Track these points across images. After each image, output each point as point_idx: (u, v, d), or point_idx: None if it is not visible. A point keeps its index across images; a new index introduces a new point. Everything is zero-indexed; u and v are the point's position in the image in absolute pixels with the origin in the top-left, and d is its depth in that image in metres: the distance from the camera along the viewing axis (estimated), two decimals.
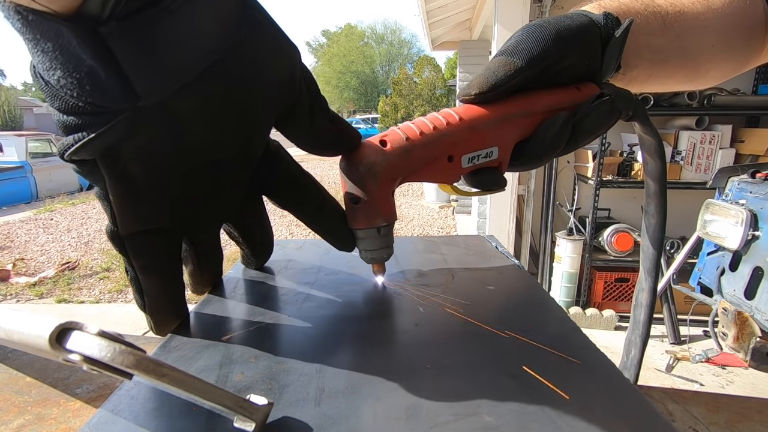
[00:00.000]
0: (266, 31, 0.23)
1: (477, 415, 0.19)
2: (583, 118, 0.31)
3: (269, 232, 0.37)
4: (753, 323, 1.71)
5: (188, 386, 0.17)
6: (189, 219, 0.27)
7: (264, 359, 0.24)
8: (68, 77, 0.18)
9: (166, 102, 0.20)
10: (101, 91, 0.19)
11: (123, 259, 0.25)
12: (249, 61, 0.22)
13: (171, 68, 0.20)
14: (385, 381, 0.22)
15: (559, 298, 2.48)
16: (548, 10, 2.37)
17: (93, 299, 3.13)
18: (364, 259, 0.32)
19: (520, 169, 0.33)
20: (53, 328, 0.17)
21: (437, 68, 18.10)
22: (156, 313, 0.27)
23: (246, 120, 0.25)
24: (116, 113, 0.19)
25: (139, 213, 0.24)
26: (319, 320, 0.29)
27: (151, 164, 0.22)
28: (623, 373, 0.38)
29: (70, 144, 0.20)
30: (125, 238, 0.24)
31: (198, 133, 0.23)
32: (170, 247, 0.27)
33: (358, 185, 0.28)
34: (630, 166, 2.44)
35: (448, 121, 0.29)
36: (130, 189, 0.23)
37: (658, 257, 0.38)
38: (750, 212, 1.69)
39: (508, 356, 0.24)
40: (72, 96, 0.19)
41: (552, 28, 0.29)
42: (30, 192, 6.65)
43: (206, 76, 0.21)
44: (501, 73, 0.28)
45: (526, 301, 0.33)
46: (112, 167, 0.22)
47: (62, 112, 0.20)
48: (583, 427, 0.19)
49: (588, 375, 0.22)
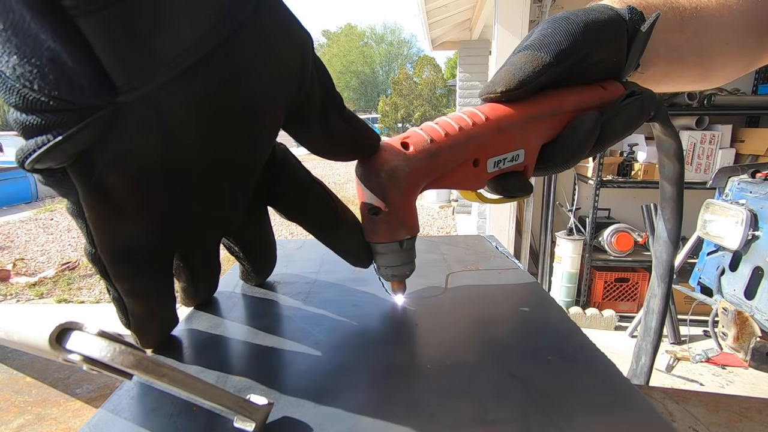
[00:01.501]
0: (274, 12, 0.19)
1: (477, 415, 0.19)
2: (613, 118, 0.29)
3: (273, 247, 0.33)
4: (753, 323, 1.71)
5: (188, 386, 0.17)
6: (181, 235, 0.23)
7: (264, 359, 0.24)
8: (25, 65, 0.15)
9: (150, 98, 0.17)
10: (68, 82, 0.15)
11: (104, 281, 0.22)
12: (253, 49, 0.19)
13: (158, 55, 0.16)
14: (385, 381, 0.22)
15: (559, 298, 2.48)
16: (548, 10, 2.37)
17: (93, 299, 3.13)
18: (383, 277, 0.29)
19: (545, 173, 0.31)
20: (53, 328, 0.17)
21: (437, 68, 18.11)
22: (141, 332, 0.24)
23: (248, 120, 0.21)
24: (89, 110, 0.16)
25: (120, 231, 0.20)
26: (319, 320, 0.29)
27: (133, 173, 0.19)
28: (633, 380, 0.37)
29: (31, 149, 0.16)
30: (106, 261, 0.20)
31: (190, 136, 0.19)
32: (159, 267, 0.23)
33: (378, 194, 0.25)
34: (630, 166, 2.44)
35: (474, 122, 0.26)
36: (108, 203, 0.19)
37: (672, 263, 0.37)
38: (750, 212, 1.69)
39: (508, 356, 0.24)
40: (32, 89, 0.15)
41: (580, 21, 0.27)
42: (30, 192, 6.65)
43: (200, 66, 0.17)
44: (528, 69, 0.26)
45: (526, 301, 0.33)
46: (86, 178, 0.18)
47: (20, 109, 0.16)
48: (583, 427, 0.19)
49: (588, 375, 0.22)
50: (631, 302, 2.50)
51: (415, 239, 0.29)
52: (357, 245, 0.28)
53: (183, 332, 0.28)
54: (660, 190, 0.37)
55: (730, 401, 0.26)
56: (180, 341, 0.27)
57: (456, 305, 0.31)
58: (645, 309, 0.39)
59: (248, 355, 0.25)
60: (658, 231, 0.38)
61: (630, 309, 2.49)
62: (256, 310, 0.31)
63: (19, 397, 0.25)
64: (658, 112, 0.32)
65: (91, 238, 0.20)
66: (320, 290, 0.34)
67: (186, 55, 0.16)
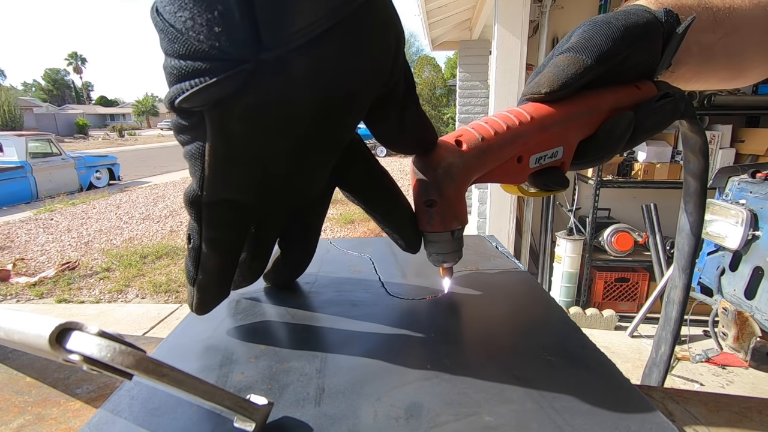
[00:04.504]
0: (383, 3, 0.21)
1: (477, 415, 0.19)
2: (647, 118, 0.30)
3: (314, 244, 0.34)
4: (753, 323, 1.71)
5: (188, 386, 0.17)
6: (272, 197, 0.26)
7: (264, 359, 0.24)
8: (198, 17, 0.17)
9: (284, 58, 0.19)
10: (228, 36, 0.18)
11: (190, 226, 0.24)
12: (363, 32, 0.20)
13: (298, 20, 0.18)
14: (385, 381, 0.22)
15: (559, 298, 2.48)
16: (548, 10, 2.37)
17: (93, 299, 3.13)
18: (434, 263, 0.31)
19: (580, 168, 0.33)
20: (53, 328, 0.17)
21: (437, 68, 18.12)
22: (204, 291, 0.25)
23: (350, 97, 0.22)
24: (237, 62, 0.18)
25: (229, 179, 0.23)
26: (319, 320, 0.29)
27: (256, 126, 0.21)
28: (653, 369, 0.39)
29: (184, 89, 0.19)
30: (205, 205, 0.23)
31: (303, 101, 0.21)
32: (243, 225, 0.25)
33: (434, 188, 0.27)
34: (630, 166, 2.44)
35: (520, 121, 0.28)
36: (229, 150, 0.21)
37: (693, 255, 0.38)
38: (750, 212, 1.69)
39: (508, 356, 0.24)
40: (197, 39, 0.18)
41: (620, 25, 0.28)
42: (30, 192, 6.66)
43: (323, 38, 0.19)
44: (571, 72, 0.28)
45: (526, 301, 0.33)
46: (219, 121, 0.20)
47: (180, 56, 0.18)
48: (583, 427, 0.19)
49: (588, 375, 0.22)
50: (631, 302, 2.50)
51: (464, 229, 0.31)
52: (411, 232, 0.30)
53: (183, 332, 0.28)
54: (684, 184, 0.38)
55: (730, 401, 0.26)
56: (180, 341, 0.27)
57: (456, 305, 0.31)
58: (665, 299, 0.40)
59: (248, 355, 0.25)
60: (680, 224, 0.39)
61: (630, 309, 2.49)
62: (256, 311, 0.31)
63: (19, 397, 0.25)
64: (688, 109, 0.33)
65: (202, 182, 0.22)
66: (320, 290, 0.34)
67: (316, 24, 0.19)
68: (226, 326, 0.28)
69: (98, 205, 6.15)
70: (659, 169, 2.35)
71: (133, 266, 3.70)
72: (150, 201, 6.42)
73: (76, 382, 0.27)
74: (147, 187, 7.87)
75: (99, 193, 7.22)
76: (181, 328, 0.28)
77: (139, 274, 3.58)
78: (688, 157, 0.37)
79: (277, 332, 0.28)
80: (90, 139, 25.66)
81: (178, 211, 5.66)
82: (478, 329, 0.28)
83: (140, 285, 3.36)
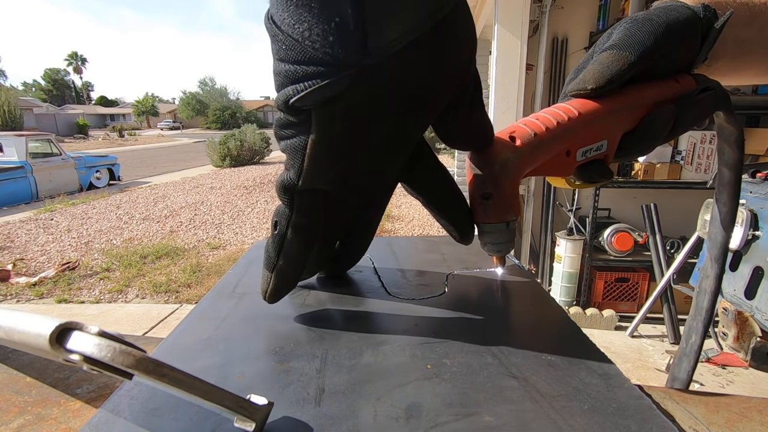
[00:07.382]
0: (464, 14, 0.23)
1: (477, 415, 0.19)
2: (687, 111, 0.31)
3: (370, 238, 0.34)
4: (753, 323, 1.71)
5: (188, 386, 0.17)
6: (357, 191, 0.27)
7: (264, 359, 0.24)
8: (316, 27, 0.19)
9: (383, 64, 0.21)
10: (341, 44, 0.20)
11: (278, 213, 0.26)
12: (451, 36, 0.22)
13: (397, 29, 0.20)
14: (385, 381, 0.22)
15: (559, 298, 2.48)
16: (548, 10, 2.37)
17: (93, 299, 3.13)
18: (489, 252, 0.32)
19: (622, 160, 0.34)
20: (53, 328, 0.17)
21: None
22: (282, 276, 0.27)
23: (430, 99, 0.24)
24: (345, 67, 0.20)
25: (326, 171, 0.25)
26: (319, 320, 0.29)
27: (354, 125, 0.23)
28: (682, 359, 0.39)
29: (298, 90, 0.21)
30: (299, 192, 0.25)
31: (393, 102, 0.23)
32: (328, 214, 0.27)
33: (491, 182, 0.29)
34: (630, 165, 2.44)
35: (568, 117, 0.29)
36: (329, 146, 0.23)
37: (726, 245, 0.38)
38: (750, 212, 1.69)
39: (508, 356, 0.24)
40: (313, 47, 0.20)
41: (662, 22, 0.29)
42: (30, 192, 6.66)
43: (416, 44, 0.21)
44: (615, 68, 0.29)
45: (526, 301, 0.33)
46: (325, 119, 0.22)
47: (294, 62, 0.20)
48: (583, 427, 0.19)
49: (588, 375, 0.22)
50: (631, 302, 2.50)
51: (517, 220, 0.32)
52: (466, 224, 0.32)
53: (183, 332, 0.28)
54: (718, 175, 0.38)
55: (730, 401, 0.26)
56: (180, 341, 0.27)
57: (456, 305, 0.31)
58: (697, 289, 0.40)
59: (248, 355, 0.25)
60: (713, 214, 0.39)
61: (630, 309, 2.49)
62: (256, 311, 0.31)
63: (19, 397, 0.25)
64: (724, 101, 0.34)
65: (300, 171, 0.24)
66: (320, 290, 0.34)
67: (411, 32, 0.21)
68: (226, 326, 0.28)
69: (98, 206, 6.15)
70: (659, 169, 2.35)
71: (133, 266, 3.70)
72: (150, 201, 6.42)
73: (76, 382, 0.27)
74: (147, 187, 7.87)
75: (99, 194, 7.21)
76: (181, 328, 0.28)
77: (139, 274, 3.58)
78: (723, 149, 0.37)
79: (277, 332, 0.28)
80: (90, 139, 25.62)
81: (178, 212, 5.66)
82: (478, 329, 0.28)
83: (140, 285, 3.36)
